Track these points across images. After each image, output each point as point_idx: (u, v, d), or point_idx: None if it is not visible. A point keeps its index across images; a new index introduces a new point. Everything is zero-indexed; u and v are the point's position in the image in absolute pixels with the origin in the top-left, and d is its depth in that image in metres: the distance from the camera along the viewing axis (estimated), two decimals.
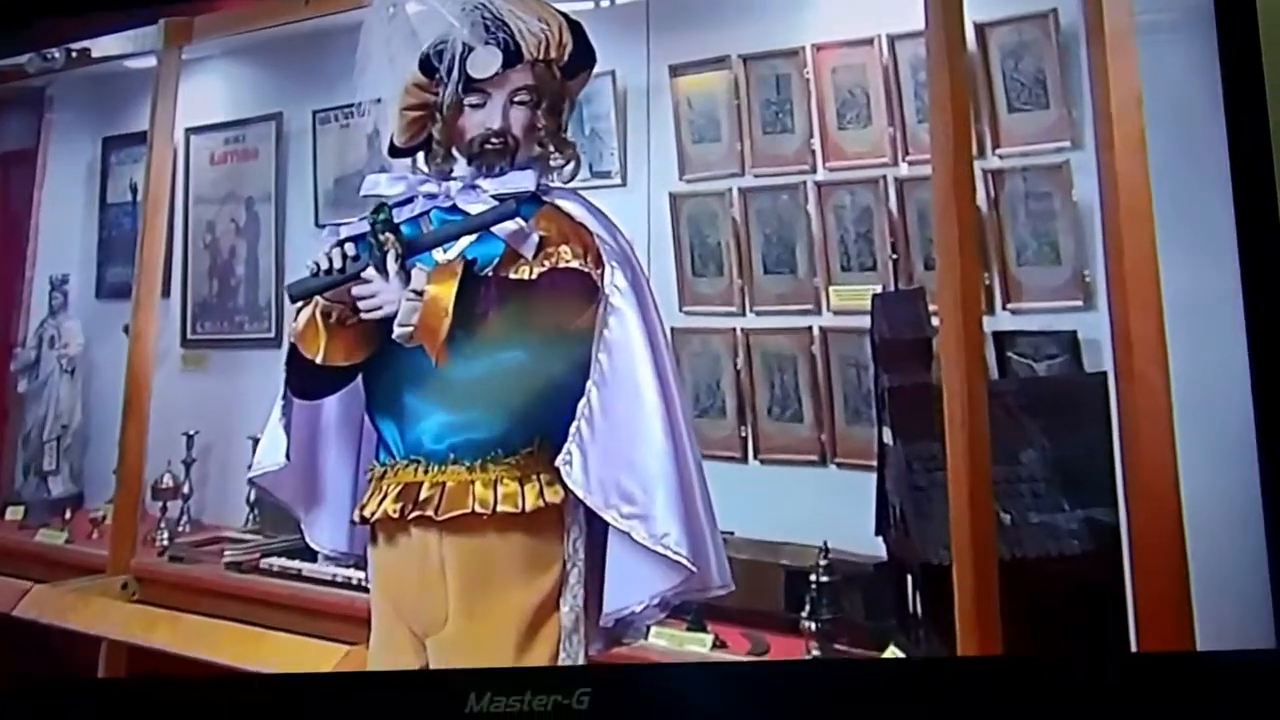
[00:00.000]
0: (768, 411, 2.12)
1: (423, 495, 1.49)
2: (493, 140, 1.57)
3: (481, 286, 1.50)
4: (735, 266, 2.17)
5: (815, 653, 1.80)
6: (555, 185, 1.63)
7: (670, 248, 2.21)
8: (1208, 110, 1.55)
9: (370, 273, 1.49)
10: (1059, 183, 1.88)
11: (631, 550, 1.44)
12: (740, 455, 2.12)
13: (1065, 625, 1.59)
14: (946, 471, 1.62)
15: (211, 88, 2.70)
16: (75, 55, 2.66)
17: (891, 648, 1.76)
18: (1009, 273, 1.92)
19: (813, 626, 1.82)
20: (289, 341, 1.57)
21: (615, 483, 1.45)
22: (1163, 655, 1.46)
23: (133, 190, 2.78)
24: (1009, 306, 1.92)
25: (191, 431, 2.57)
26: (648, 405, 1.47)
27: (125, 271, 2.62)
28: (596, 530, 1.50)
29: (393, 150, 1.68)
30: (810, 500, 2.04)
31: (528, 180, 1.58)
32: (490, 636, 1.49)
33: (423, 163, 1.66)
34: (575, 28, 1.61)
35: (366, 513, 1.54)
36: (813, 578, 1.83)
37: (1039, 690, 1.42)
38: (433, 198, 1.60)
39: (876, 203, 2.05)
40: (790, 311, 2.12)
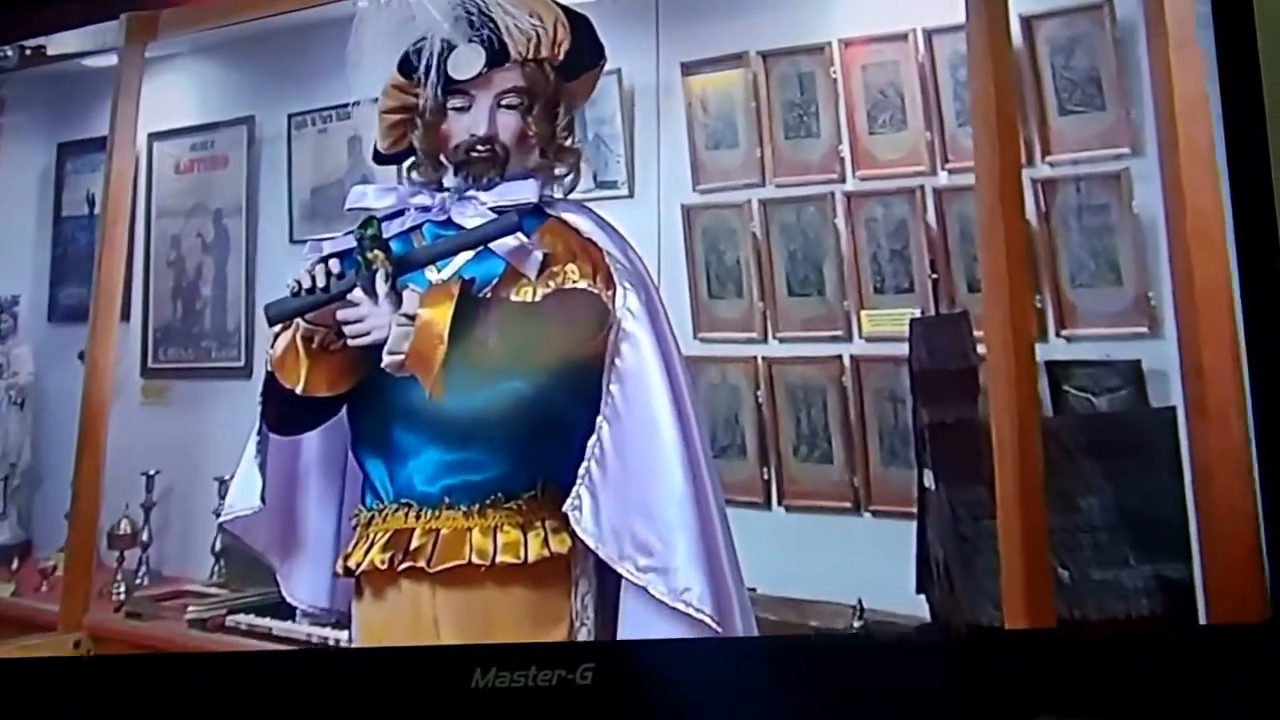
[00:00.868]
0: (793, 451, 2.10)
1: (414, 544, 1.49)
2: (479, 148, 1.58)
3: (480, 309, 1.49)
4: (756, 288, 2.16)
5: None
6: (560, 197, 1.62)
7: (683, 267, 2.20)
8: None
9: (357, 293, 1.49)
10: (1117, 193, 1.87)
11: (649, 607, 1.44)
12: (762, 501, 2.10)
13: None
14: (996, 520, 1.60)
15: (177, 89, 2.69)
16: (29, 53, 2.66)
17: None
18: (1063, 295, 1.91)
19: None
20: (266, 369, 1.57)
21: (630, 531, 1.44)
22: None
23: (90, 202, 2.77)
24: (1064, 333, 1.90)
25: (152, 471, 2.53)
26: (666, 443, 1.47)
27: (81, 292, 2.60)
28: (608, 584, 1.50)
29: (377, 157, 1.68)
30: (842, 552, 2.00)
31: (529, 191, 1.57)
32: None
33: (409, 171, 1.66)
34: (578, 23, 1.61)
35: (351, 563, 1.53)
36: None
37: None
38: (426, 210, 1.61)
39: (913, 216, 2.04)
40: (818, 338, 2.10)
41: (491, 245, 1.54)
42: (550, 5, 1.60)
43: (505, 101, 1.58)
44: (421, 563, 1.47)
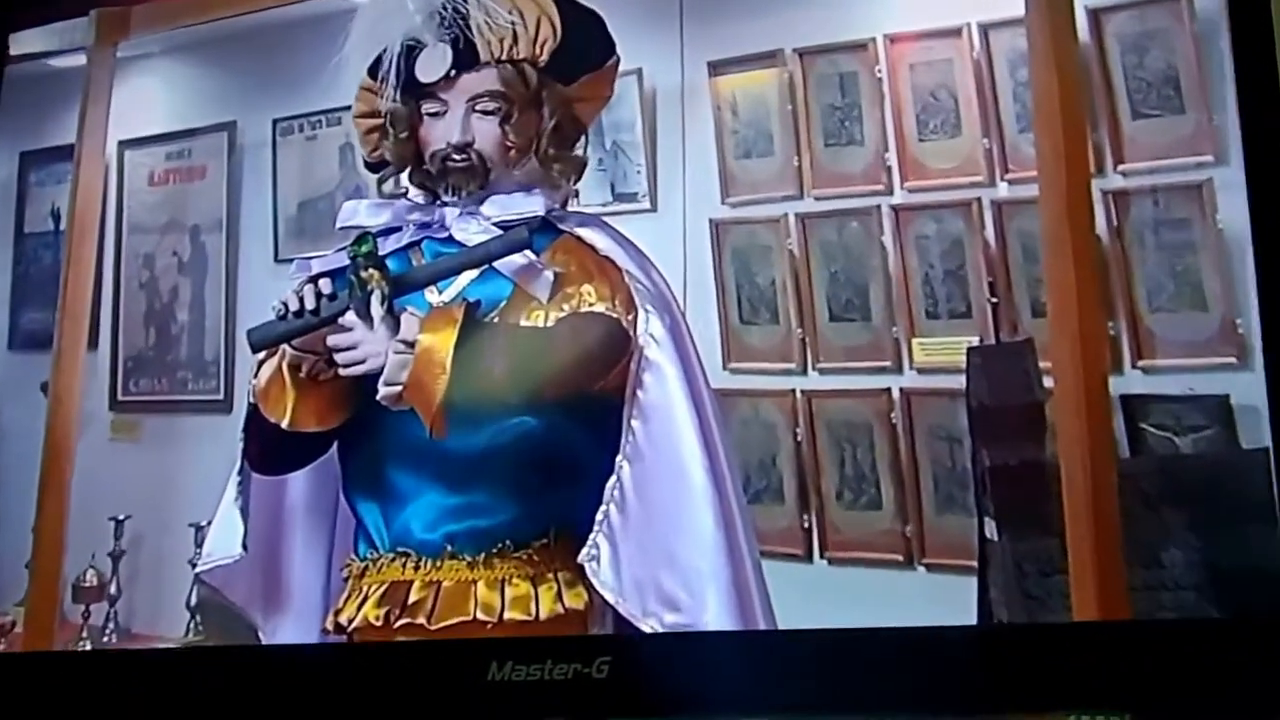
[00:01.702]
0: (837, 496, 2.10)
1: (412, 598, 1.48)
2: (455, 157, 1.59)
3: (486, 335, 1.49)
4: (793, 313, 2.16)
5: None
6: (574, 210, 1.62)
7: (711, 289, 2.21)
8: None
9: (350, 317, 1.48)
10: (1199, 205, 1.87)
11: None
12: (803, 552, 2.10)
13: None
14: (1068, 576, 1.58)
15: (151, 92, 2.72)
16: None
17: None
18: (1139, 321, 1.90)
19: None
20: (248, 402, 1.57)
21: (654, 583, 1.44)
22: None
23: (55, 217, 2.79)
24: (1141, 364, 1.90)
25: (121, 516, 2.55)
26: (694, 485, 1.46)
27: (45, 317, 2.61)
28: None
29: (368, 165, 1.70)
30: (892, 611, 1.97)
31: (534, 204, 1.57)
32: None
33: (406, 181, 1.66)
34: (576, 18, 1.60)
35: (342, 619, 1.52)
36: None
37: None
38: (425, 226, 1.61)
39: (969, 232, 2.04)
40: (863, 369, 2.10)
41: (497, 264, 1.53)
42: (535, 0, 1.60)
43: (480, 107, 1.58)
44: (421, 619, 1.46)
